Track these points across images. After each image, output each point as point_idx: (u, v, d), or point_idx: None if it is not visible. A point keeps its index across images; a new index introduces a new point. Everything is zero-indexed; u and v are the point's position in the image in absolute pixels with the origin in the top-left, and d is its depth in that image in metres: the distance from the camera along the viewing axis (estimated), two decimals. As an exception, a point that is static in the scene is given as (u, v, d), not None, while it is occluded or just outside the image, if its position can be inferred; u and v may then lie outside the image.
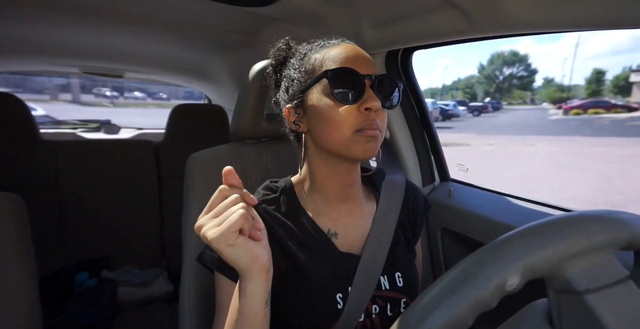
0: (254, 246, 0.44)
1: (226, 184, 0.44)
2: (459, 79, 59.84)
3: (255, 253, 0.44)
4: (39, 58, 1.90)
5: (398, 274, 0.62)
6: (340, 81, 0.54)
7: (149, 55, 1.84)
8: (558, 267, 0.29)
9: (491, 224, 0.91)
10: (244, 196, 0.44)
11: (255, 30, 1.28)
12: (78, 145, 1.74)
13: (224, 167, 0.45)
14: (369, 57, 0.58)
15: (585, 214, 0.33)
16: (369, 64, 0.56)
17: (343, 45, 0.58)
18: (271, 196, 0.63)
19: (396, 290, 0.61)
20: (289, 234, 0.59)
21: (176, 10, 1.13)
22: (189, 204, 0.78)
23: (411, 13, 0.82)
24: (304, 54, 0.60)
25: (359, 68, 0.54)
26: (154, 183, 1.84)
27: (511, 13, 0.64)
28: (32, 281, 0.68)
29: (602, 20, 0.56)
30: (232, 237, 0.41)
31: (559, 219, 0.32)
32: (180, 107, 1.93)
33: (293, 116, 0.60)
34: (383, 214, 0.65)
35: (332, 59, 0.55)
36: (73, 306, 1.38)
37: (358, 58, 0.56)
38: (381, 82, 0.56)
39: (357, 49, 0.58)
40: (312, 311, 0.56)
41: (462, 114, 22.31)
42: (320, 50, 0.58)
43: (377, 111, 0.54)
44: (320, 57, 0.57)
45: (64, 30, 1.37)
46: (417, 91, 1.15)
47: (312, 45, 0.62)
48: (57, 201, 1.62)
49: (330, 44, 0.60)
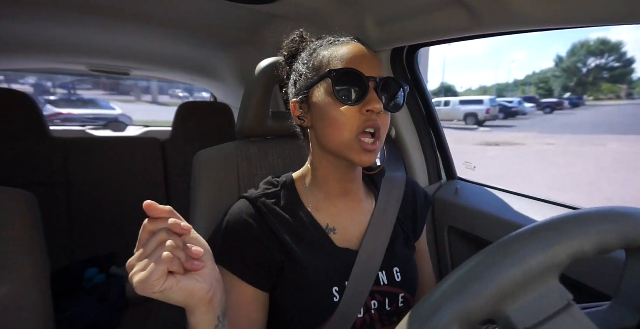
0: (186, 284, 0.39)
1: (151, 217, 0.39)
2: (533, 73, 53.52)
3: (189, 290, 0.40)
4: (46, 56, 1.92)
5: (396, 269, 0.63)
6: (343, 81, 0.53)
7: (154, 53, 1.85)
8: (497, 308, 0.26)
9: (498, 222, 0.91)
10: (173, 226, 0.39)
11: (259, 27, 1.28)
12: (87, 142, 1.76)
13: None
14: (377, 58, 0.58)
15: (518, 235, 0.28)
16: (375, 65, 0.56)
17: (351, 45, 0.57)
18: (271, 189, 0.64)
19: (394, 285, 0.62)
20: (287, 228, 0.59)
21: (180, 8, 1.14)
22: (195, 201, 0.78)
23: (416, 10, 0.81)
24: (313, 50, 0.60)
25: (364, 69, 0.54)
26: (160, 180, 1.86)
27: (517, 9, 0.63)
28: (44, 276, 0.69)
29: (610, 15, 0.55)
30: (157, 284, 0.37)
31: (487, 252, 0.29)
32: (187, 105, 1.94)
33: (298, 111, 0.61)
34: (381, 211, 0.65)
35: (339, 57, 0.55)
36: (82, 301, 1.40)
37: (364, 59, 0.55)
38: (386, 85, 0.55)
39: (365, 49, 0.57)
40: (308, 304, 0.56)
41: (530, 111, 20.50)
42: (329, 48, 0.58)
43: (379, 113, 0.54)
44: (328, 55, 0.57)
45: (71, 28, 1.38)
46: (423, 89, 1.15)
47: (322, 41, 0.62)
48: (66, 198, 1.64)
49: (340, 41, 0.59)
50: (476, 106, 16.06)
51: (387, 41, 0.98)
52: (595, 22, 0.58)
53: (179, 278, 0.39)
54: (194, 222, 0.77)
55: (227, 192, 0.78)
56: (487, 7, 0.67)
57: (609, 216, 0.29)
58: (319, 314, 0.56)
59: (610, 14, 0.54)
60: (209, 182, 0.79)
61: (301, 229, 0.60)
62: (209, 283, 0.42)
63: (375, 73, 0.55)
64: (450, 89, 42.95)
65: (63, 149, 1.64)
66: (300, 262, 0.57)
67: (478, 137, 11.63)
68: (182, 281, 0.39)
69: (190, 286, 0.40)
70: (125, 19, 1.22)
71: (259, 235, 0.58)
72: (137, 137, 2.34)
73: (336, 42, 0.59)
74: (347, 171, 0.61)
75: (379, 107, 0.53)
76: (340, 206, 0.64)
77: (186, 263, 0.40)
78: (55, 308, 0.72)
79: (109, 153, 1.76)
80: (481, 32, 0.75)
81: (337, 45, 0.58)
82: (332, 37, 0.61)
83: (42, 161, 1.59)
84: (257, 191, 0.64)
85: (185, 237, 0.40)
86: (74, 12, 1.16)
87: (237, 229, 0.58)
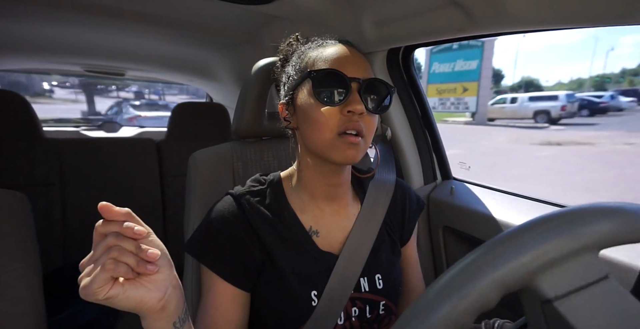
0: (134, 293, 0.37)
1: (105, 219, 0.37)
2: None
3: (138, 299, 0.38)
4: (40, 56, 1.91)
5: (378, 276, 0.62)
6: (325, 82, 0.53)
7: (150, 54, 1.84)
8: (531, 277, 0.27)
9: (492, 222, 0.91)
10: (124, 231, 0.37)
11: (256, 28, 1.28)
12: (81, 143, 1.75)
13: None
14: (363, 59, 0.57)
15: (567, 212, 0.29)
16: (360, 66, 0.55)
17: (337, 46, 0.57)
18: (257, 187, 0.63)
19: (375, 292, 0.61)
20: (269, 227, 0.59)
21: (177, 8, 1.13)
22: (191, 202, 0.78)
23: (412, 11, 0.82)
24: (302, 52, 0.60)
25: (347, 70, 0.53)
26: (156, 181, 1.85)
27: (512, 10, 0.63)
28: (36, 278, 0.68)
29: (605, 16, 0.55)
30: (100, 292, 0.35)
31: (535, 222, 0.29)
32: (182, 105, 1.93)
33: (285, 112, 0.61)
34: (365, 216, 0.64)
35: (324, 59, 0.55)
36: (76, 303, 1.39)
37: (349, 60, 0.55)
38: (370, 86, 0.54)
39: (351, 50, 0.57)
40: (285, 306, 0.56)
41: (629, 106, 16.77)
42: (316, 49, 0.58)
43: (361, 115, 0.53)
44: (314, 56, 0.56)
45: (66, 28, 1.38)
46: (418, 89, 1.15)
47: (312, 43, 0.62)
48: (60, 199, 1.63)
49: (328, 43, 0.59)
50: (549, 103, 14.30)
51: (383, 42, 0.98)
52: (592, 22, 0.59)
53: (127, 286, 0.37)
54: (189, 223, 0.77)
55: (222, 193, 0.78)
56: (483, 8, 0.67)
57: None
58: (296, 318, 0.55)
59: (606, 14, 0.55)
60: (205, 183, 0.78)
61: (284, 229, 0.59)
62: (163, 291, 0.40)
63: (360, 74, 0.54)
64: (533, 84, 36.40)
65: (57, 150, 1.63)
66: (279, 263, 0.57)
67: (543, 137, 10.67)
68: (129, 290, 0.37)
69: (138, 295, 0.38)
70: (121, 19, 1.21)
71: (240, 233, 0.57)
72: (132, 138, 2.33)
73: (324, 43, 0.59)
74: (333, 175, 0.60)
75: (360, 109, 0.52)
76: (326, 210, 0.63)
77: (138, 267, 0.37)
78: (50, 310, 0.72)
79: (104, 154, 1.75)
80: (477, 32, 0.76)
81: (324, 47, 0.58)
82: (321, 39, 0.61)
83: (36, 162, 1.58)
84: (243, 188, 0.63)
85: (143, 240, 0.38)
86: (69, 11, 1.15)
87: (218, 227, 0.57)
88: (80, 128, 2.98)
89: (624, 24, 0.56)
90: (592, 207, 0.30)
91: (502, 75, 31.22)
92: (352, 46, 0.59)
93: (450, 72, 15.92)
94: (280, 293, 0.56)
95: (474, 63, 15.03)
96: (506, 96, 16.69)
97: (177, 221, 1.88)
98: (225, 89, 2.19)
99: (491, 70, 16.11)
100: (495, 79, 26.33)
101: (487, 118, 15.75)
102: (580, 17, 0.58)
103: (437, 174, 1.20)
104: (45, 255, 0.74)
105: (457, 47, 15.30)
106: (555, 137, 10.67)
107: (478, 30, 0.74)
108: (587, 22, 0.59)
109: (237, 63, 1.72)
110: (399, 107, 1.14)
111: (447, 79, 16.00)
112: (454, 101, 15.94)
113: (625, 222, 0.28)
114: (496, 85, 29.39)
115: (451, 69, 15.84)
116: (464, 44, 14.91)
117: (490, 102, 16.14)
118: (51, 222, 1.59)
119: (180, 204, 2.00)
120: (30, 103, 1.56)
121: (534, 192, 0.96)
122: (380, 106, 0.57)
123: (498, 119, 15.66)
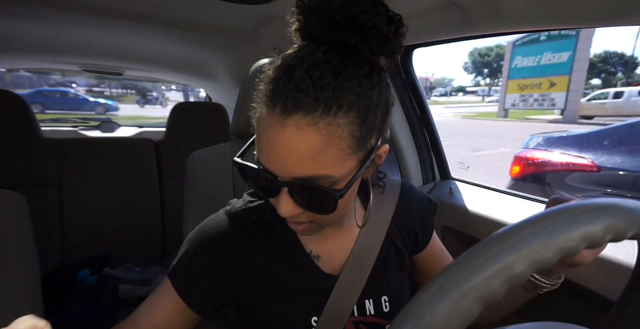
0: None
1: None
2: None
3: None
4: (38, 55, 1.90)
5: (385, 298, 0.57)
6: (255, 176, 0.46)
7: (148, 53, 1.84)
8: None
9: (491, 222, 0.91)
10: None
11: (255, 28, 1.28)
12: (79, 143, 1.74)
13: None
14: (302, 150, 0.39)
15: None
16: (296, 161, 0.39)
17: (275, 130, 0.39)
18: (255, 203, 0.58)
19: (381, 316, 0.56)
20: (266, 250, 0.55)
21: (176, 8, 1.13)
22: (189, 202, 0.78)
23: (411, 11, 0.82)
24: (265, 81, 0.44)
25: (280, 169, 0.41)
26: (154, 181, 1.85)
27: (510, 11, 0.63)
28: (34, 278, 0.68)
29: (603, 16, 0.56)
30: None
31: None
32: (181, 105, 1.93)
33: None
34: (369, 228, 0.59)
35: (260, 142, 0.43)
36: (74, 303, 1.38)
37: (280, 156, 0.40)
38: (302, 189, 0.42)
39: (287, 141, 0.39)
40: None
41: None
42: (261, 107, 0.43)
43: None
44: (255, 120, 0.45)
45: (64, 27, 1.37)
46: (417, 89, 1.15)
47: (269, 78, 0.43)
48: (58, 199, 1.62)
49: (271, 113, 0.40)
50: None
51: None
52: (589, 22, 0.59)
53: None
54: (188, 222, 0.77)
55: (221, 193, 0.78)
56: (481, 9, 0.68)
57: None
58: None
59: (603, 14, 0.55)
60: (204, 183, 0.78)
61: (282, 251, 0.55)
62: None
63: (293, 172, 0.40)
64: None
65: (55, 150, 1.62)
66: (277, 287, 0.53)
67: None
68: None
69: None
70: (120, 18, 1.21)
71: (226, 262, 0.53)
72: (131, 138, 2.33)
73: (266, 101, 0.41)
74: None
75: (285, 213, 0.43)
76: (328, 233, 0.58)
77: None
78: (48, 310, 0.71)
79: (102, 154, 1.74)
80: (476, 33, 0.76)
81: (264, 123, 0.41)
82: (266, 97, 0.41)
83: (33, 162, 1.57)
84: (239, 205, 0.58)
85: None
86: (67, 10, 1.14)
87: (202, 251, 0.54)
88: (78, 128, 2.97)
89: (623, 24, 0.56)
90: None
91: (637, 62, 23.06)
92: (299, 115, 0.38)
93: (535, 66, 14.34)
94: (279, 319, 0.53)
95: (565, 55, 13.32)
96: (608, 91, 13.53)
97: (175, 220, 1.87)
98: (224, 88, 2.19)
99: (587, 62, 13.99)
100: (623, 69, 20.30)
101: (579, 115, 13.16)
102: (579, 17, 0.58)
103: (436, 174, 1.21)
104: (43, 255, 0.74)
105: (546, 38, 13.90)
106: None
107: (476, 30, 0.74)
108: (585, 22, 0.59)
109: (235, 63, 1.71)
110: (397, 108, 1.14)
111: (531, 74, 14.42)
112: (538, 97, 14.29)
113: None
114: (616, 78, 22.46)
115: (536, 62, 14.29)
116: (554, 34, 13.02)
117: (587, 97, 13.58)
118: (49, 222, 1.59)
119: (179, 204, 2.00)
120: (27, 102, 1.56)
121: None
122: (317, 205, 0.43)
123: (597, 117, 12.67)
